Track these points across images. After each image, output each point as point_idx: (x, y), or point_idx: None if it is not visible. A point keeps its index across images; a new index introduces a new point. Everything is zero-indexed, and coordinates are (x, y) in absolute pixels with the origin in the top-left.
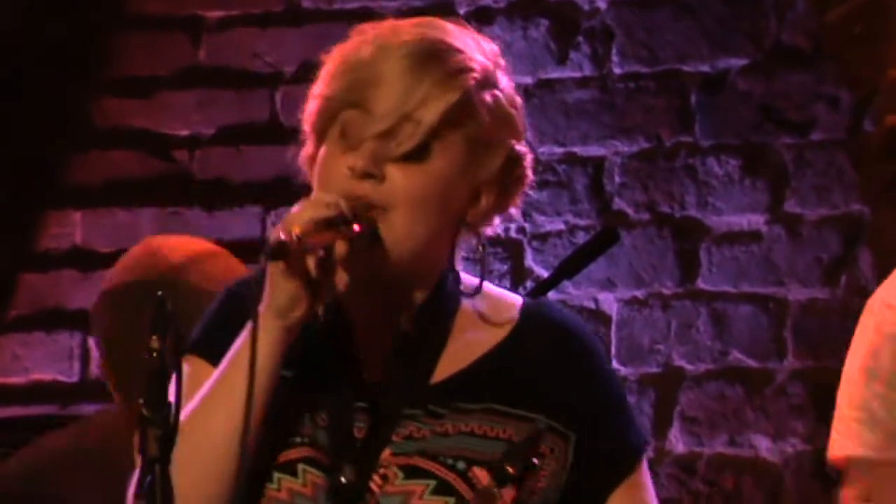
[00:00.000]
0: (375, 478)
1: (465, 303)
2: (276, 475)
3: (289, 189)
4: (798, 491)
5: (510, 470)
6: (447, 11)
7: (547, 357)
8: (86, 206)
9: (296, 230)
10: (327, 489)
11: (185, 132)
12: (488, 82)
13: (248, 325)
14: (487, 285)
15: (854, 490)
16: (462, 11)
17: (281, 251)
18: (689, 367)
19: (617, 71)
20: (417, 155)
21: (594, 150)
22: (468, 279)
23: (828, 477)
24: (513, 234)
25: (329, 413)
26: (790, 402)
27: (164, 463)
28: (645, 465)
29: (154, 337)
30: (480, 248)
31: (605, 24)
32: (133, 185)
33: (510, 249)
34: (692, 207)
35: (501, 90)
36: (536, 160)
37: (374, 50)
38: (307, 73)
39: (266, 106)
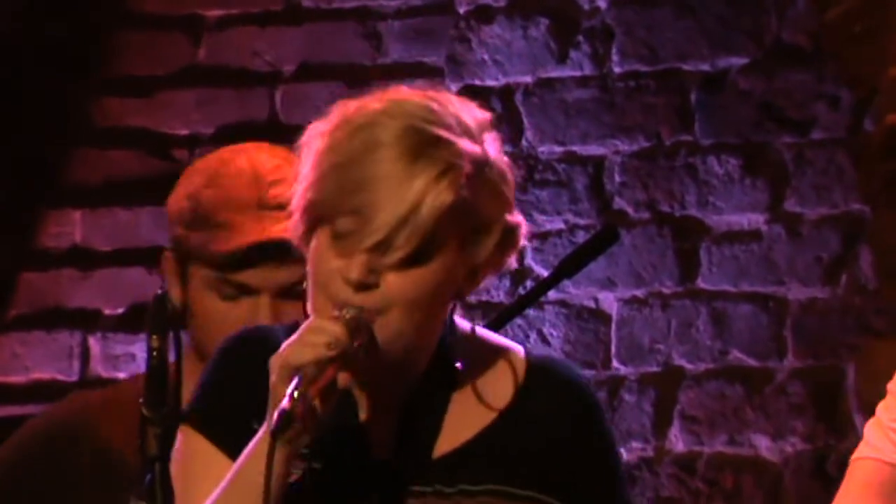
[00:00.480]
0: None
1: (468, 353)
2: None
3: None
4: (798, 490)
5: None
6: (447, 11)
7: (550, 428)
8: (85, 206)
9: (299, 389)
10: None
11: (184, 131)
12: (479, 169)
13: (254, 449)
14: (488, 334)
15: None
16: (462, 10)
17: (288, 422)
18: (688, 366)
19: (617, 70)
20: (413, 260)
21: (594, 150)
22: (463, 327)
23: (827, 476)
24: None
25: (336, 495)
26: (790, 401)
27: (165, 461)
28: None
29: (154, 336)
30: (451, 308)
31: (605, 23)
32: (133, 185)
33: None
34: (692, 206)
35: (492, 166)
36: (536, 159)
37: (361, 146)
38: (307, 72)
39: (265, 105)
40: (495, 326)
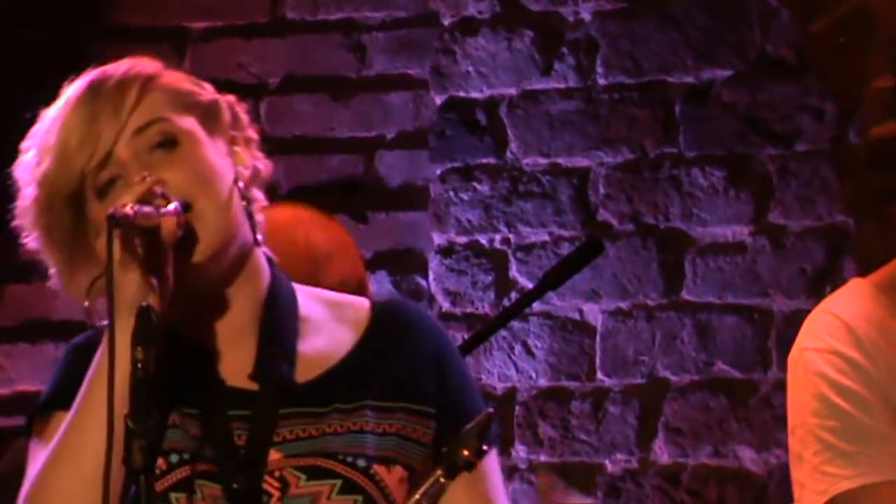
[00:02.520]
0: (271, 481)
1: (310, 303)
2: (173, 495)
3: (274, 197)
4: (782, 502)
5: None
6: (432, 23)
7: (405, 350)
8: None
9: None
10: (224, 498)
11: None
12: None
13: (103, 347)
14: (331, 294)
15: None
16: (447, 22)
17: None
18: (673, 378)
19: (601, 82)
20: (169, 146)
21: (579, 161)
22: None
23: None
24: (497, 245)
25: (202, 425)
26: (774, 412)
27: (149, 474)
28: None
29: (139, 347)
30: (246, 203)
31: (589, 36)
32: None
33: (495, 260)
34: (677, 218)
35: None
36: (521, 171)
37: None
38: (291, 84)
39: (250, 116)
40: (480, 337)
